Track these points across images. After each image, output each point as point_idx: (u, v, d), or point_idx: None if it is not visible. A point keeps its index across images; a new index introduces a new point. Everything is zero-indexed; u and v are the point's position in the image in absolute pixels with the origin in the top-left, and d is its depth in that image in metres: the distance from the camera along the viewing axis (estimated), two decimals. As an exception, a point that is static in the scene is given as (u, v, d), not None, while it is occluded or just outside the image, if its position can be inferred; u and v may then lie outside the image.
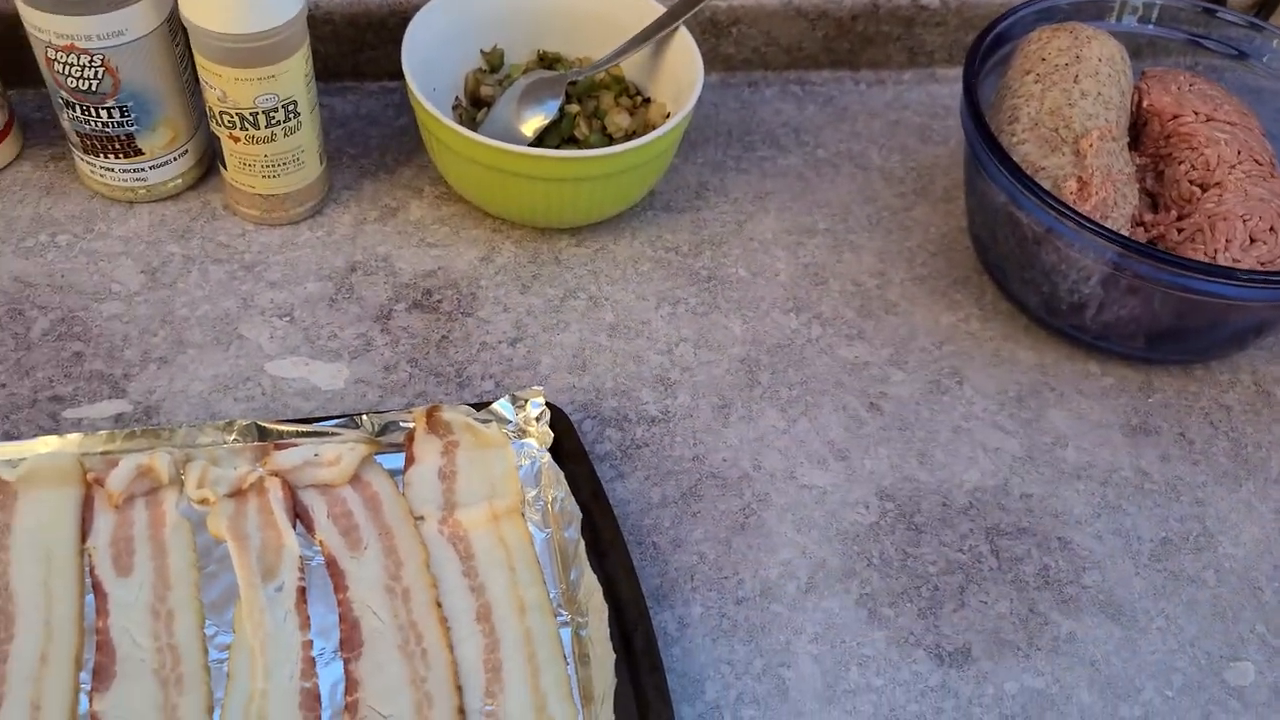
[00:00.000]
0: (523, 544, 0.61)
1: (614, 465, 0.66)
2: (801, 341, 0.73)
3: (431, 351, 0.70)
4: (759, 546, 0.64)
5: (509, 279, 0.74)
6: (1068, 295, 0.70)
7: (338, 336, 0.70)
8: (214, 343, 0.69)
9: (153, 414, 0.66)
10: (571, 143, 0.77)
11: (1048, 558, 0.65)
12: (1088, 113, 0.71)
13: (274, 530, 0.60)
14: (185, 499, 0.61)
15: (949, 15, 0.89)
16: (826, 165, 0.85)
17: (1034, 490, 0.68)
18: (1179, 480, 0.69)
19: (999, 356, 0.74)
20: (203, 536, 0.60)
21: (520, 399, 0.65)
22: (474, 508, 0.62)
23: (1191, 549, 0.66)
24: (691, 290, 0.75)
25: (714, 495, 0.65)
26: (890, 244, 0.80)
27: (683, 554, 0.63)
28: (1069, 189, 0.68)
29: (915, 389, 0.72)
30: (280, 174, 0.72)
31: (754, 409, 0.69)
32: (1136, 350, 0.73)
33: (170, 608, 0.57)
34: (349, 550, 0.60)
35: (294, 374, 0.68)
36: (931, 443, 0.69)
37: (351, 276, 0.73)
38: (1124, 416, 0.72)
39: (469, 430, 0.64)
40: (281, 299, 0.72)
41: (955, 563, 0.64)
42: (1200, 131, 0.73)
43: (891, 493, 0.67)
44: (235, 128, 0.69)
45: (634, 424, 0.68)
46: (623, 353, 0.71)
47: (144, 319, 0.70)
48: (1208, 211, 0.70)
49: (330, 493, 0.62)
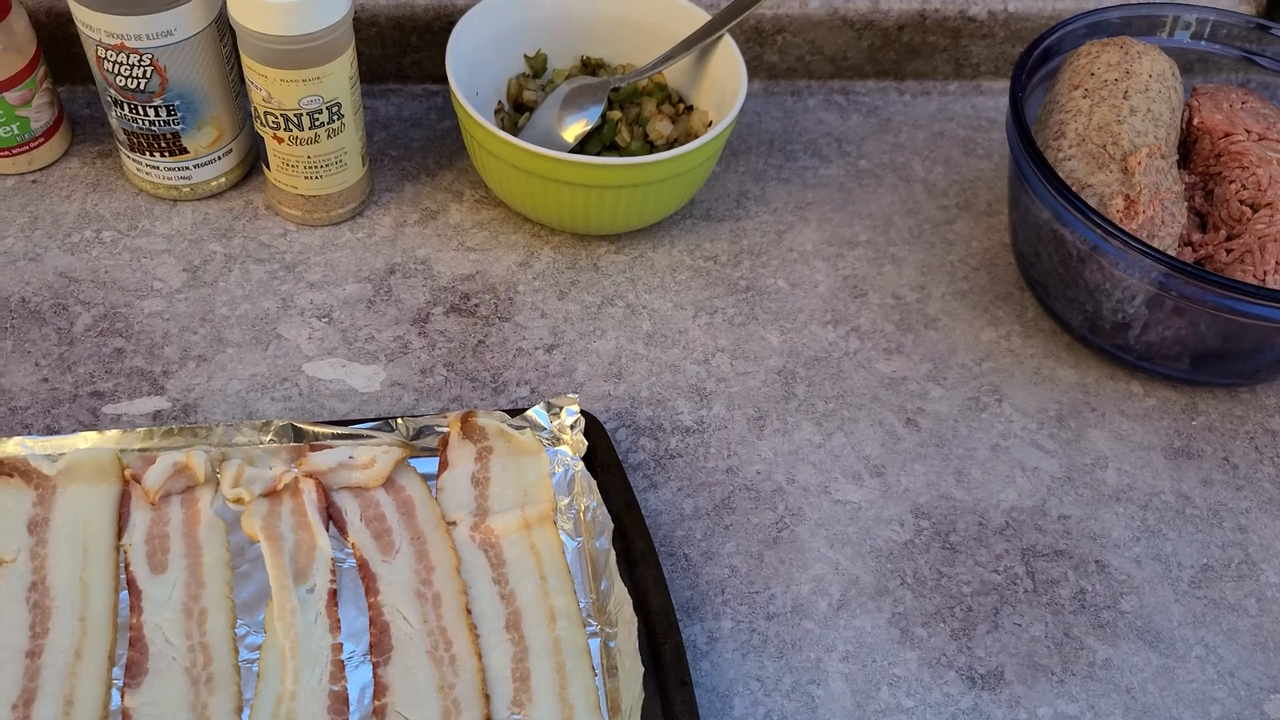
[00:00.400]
0: (554, 552, 0.61)
1: (647, 475, 0.66)
2: (839, 354, 0.73)
3: (468, 356, 0.70)
4: (791, 561, 0.63)
5: (547, 285, 0.74)
6: (1111, 314, 0.69)
7: (375, 339, 0.70)
8: (253, 342, 0.70)
9: (190, 412, 0.66)
10: (613, 149, 0.77)
11: (1084, 581, 0.64)
12: (1136, 130, 0.70)
13: (307, 532, 0.61)
14: (220, 498, 0.62)
15: (996, 27, 0.88)
16: (869, 176, 0.84)
17: (1072, 512, 0.67)
18: (1221, 506, 0.68)
19: (1040, 374, 0.73)
20: (236, 536, 0.61)
21: (555, 406, 0.65)
22: (506, 514, 0.62)
23: (1233, 577, 0.65)
24: (729, 300, 0.75)
25: (747, 508, 0.65)
26: (932, 257, 0.79)
27: (714, 567, 0.63)
28: (1115, 207, 0.67)
29: (953, 406, 0.71)
30: (322, 175, 0.73)
31: (789, 422, 0.69)
32: (1181, 372, 0.72)
33: (203, 606, 0.58)
34: (381, 554, 0.61)
35: (331, 375, 0.68)
36: (969, 461, 0.68)
37: (390, 279, 0.74)
38: (1166, 439, 0.71)
39: (503, 436, 0.64)
40: (321, 300, 0.72)
41: (990, 584, 0.63)
42: (1252, 150, 0.71)
43: (927, 511, 0.66)
44: (279, 128, 0.70)
45: (668, 434, 0.68)
46: (659, 362, 0.71)
47: (185, 316, 0.70)
48: (1258, 232, 0.68)
49: (363, 495, 0.63)
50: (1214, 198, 0.73)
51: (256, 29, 0.65)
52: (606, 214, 0.73)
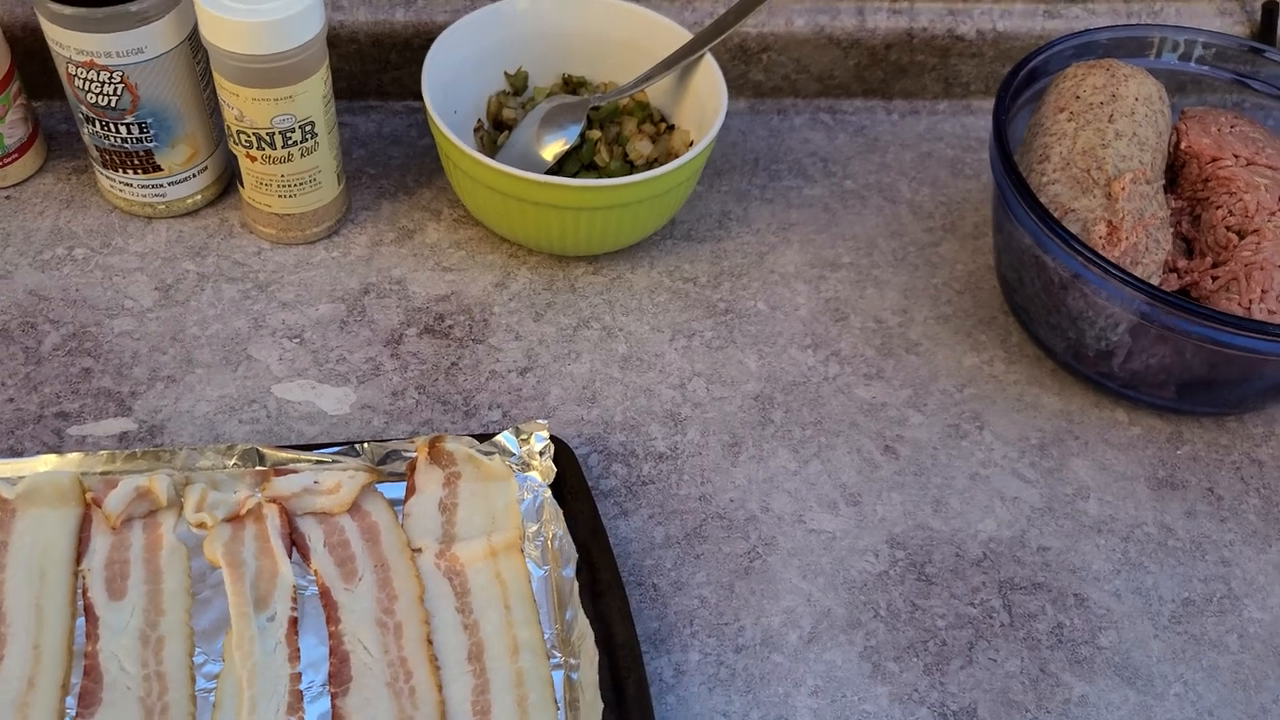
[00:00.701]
0: (520, 581, 0.60)
1: (618, 502, 0.65)
2: (818, 380, 0.72)
3: (440, 378, 0.69)
4: (762, 592, 0.62)
5: (523, 306, 0.73)
6: (1094, 342, 0.68)
7: (347, 360, 0.70)
8: (223, 363, 0.69)
9: (157, 433, 0.65)
10: (592, 169, 0.76)
11: (1062, 615, 0.63)
12: (1121, 154, 0.69)
13: (270, 558, 0.60)
14: (183, 522, 0.61)
15: (985, 46, 0.87)
16: (854, 197, 0.83)
17: (1052, 543, 0.65)
18: (1205, 538, 0.67)
19: (1022, 401, 0.72)
20: (199, 561, 0.60)
21: (524, 432, 0.64)
22: (472, 542, 0.61)
23: (1215, 611, 0.64)
24: (708, 323, 0.74)
25: (719, 537, 0.64)
26: (915, 280, 0.78)
27: (683, 597, 0.61)
28: (1098, 233, 0.66)
29: (933, 433, 0.70)
30: (296, 194, 0.72)
31: (765, 448, 0.68)
32: (1166, 400, 0.70)
33: (161, 634, 0.57)
34: (343, 581, 0.60)
35: (300, 397, 0.68)
36: (947, 490, 0.67)
37: (364, 299, 0.73)
38: (1150, 469, 0.69)
39: (472, 462, 0.63)
40: (293, 320, 0.71)
41: (965, 617, 0.62)
42: (1240, 176, 0.70)
43: (903, 541, 0.65)
44: (252, 147, 0.69)
45: (641, 460, 0.67)
46: (634, 386, 0.70)
47: (155, 336, 0.69)
48: (1244, 260, 0.67)
49: (328, 521, 0.62)
50: (1201, 223, 0.71)
51: (227, 48, 0.65)
52: (583, 235, 0.72)
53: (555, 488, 0.62)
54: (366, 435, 0.66)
